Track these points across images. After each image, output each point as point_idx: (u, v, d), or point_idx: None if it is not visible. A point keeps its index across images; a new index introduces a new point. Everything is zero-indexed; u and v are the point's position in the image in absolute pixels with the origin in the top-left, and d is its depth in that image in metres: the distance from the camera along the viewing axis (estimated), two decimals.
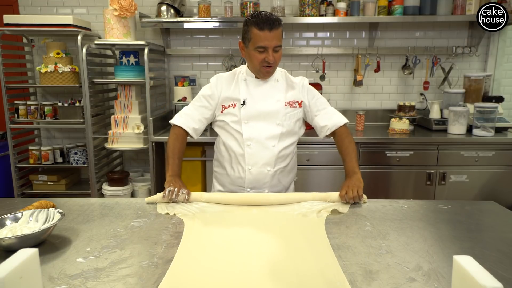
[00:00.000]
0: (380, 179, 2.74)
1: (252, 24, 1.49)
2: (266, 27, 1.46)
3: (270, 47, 1.49)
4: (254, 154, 1.60)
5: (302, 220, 1.29)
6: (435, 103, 2.98)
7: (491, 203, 1.50)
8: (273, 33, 1.47)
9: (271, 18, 1.48)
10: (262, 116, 1.61)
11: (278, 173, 1.64)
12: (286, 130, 1.63)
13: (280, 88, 1.65)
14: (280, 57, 1.57)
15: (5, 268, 0.71)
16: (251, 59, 1.56)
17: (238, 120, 1.60)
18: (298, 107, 1.66)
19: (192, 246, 1.10)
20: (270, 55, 1.50)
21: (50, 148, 3.10)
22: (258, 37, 1.48)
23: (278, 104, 1.62)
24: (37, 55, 3.25)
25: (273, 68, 1.58)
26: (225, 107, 1.63)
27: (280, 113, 1.61)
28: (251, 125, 1.60)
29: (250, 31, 1.51)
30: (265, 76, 1.61)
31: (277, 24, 1.48)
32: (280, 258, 1.02)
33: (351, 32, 3.25)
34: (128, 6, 2.72)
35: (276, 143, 1.61)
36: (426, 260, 1.02)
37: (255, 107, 1.61)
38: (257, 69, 1.57)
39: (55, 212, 1.17)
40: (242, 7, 2.95)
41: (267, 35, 1.47)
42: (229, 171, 1.67)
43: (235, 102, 1.62)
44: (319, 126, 1.70)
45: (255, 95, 1.62)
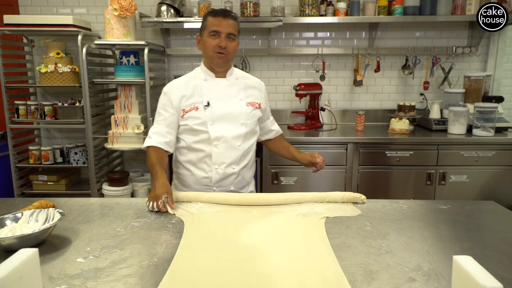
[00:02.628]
0: (380, 179, 2.74)
1: (208, 14, 1.60)
2: (220, 14, 1.56)
3: (223, 33, 1.55)
4: (221, 154, 1.62)
5: (302, 220, 1.29)
6: (435, 103, 2.98)
7: (491, 203, 1.50)
8: (227, 21, 1.55)
9: (227, 10, 1.59)
10: (227, 117, 1.62)
11: (242, 171, 1.70)
12: (250, 129, 1.67)
13: (240, 87, 1.68)
14: (234, 49, 1.60)
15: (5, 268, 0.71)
16: (205, 47, 1.59)
17: (203, 122, 1.61)
18: (258, 108, 1.71)
19: (192, 246, 1.10)
20: (223, 39, 1.55)
21: (50, 148, 3.10)
22: (212, 23, 1.56)
23: (241, 103, 1.65)
24: (37, 55, 3.24)
25: (226, 56, 1.59)
26: (186, 111, 1.62)
27: (243, 113, 1.65)
28: (217, 126, 1.61)
29: (205, 21, 1.59)
30: (218, 63, 1.61)
31: (232, 14, 1.57)
32: (280, 258, 1.02)
33: (351, 32, 3.25)
34: (128, 6, 2.72)
35: (241, 143, 1.65)
36: (426, 260, 1.02)
37: (220, 107, 1.62)
38: (210, 55, 1.59)
39: (55, 212, 1.17)
40: (242, 7, 2.94)
41: (221, 21, 1.55)
42: (194, 172, 1.67)
43: (197, 105, 1.61)
44: (268, 129, 1.87)
45: (218, 95, 1.63)
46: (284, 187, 2.75)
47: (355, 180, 2.74)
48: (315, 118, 3.10)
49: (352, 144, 2.71)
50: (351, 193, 1.49)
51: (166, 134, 1.62)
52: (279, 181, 2.76)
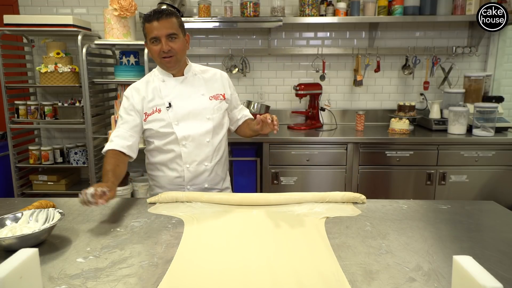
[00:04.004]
0: (380, 179, 2.75)
1: (143, 20, 1.53)
2: (153, 17, 1.49)
3: (162, 36, 1.49)
4: (191, 153, 1.61)
5: (302, 220, 1.29)
6: (435, 103, 2.98)
7: (491, 203, 1.50)
8: (162, 22, 1.48)
9: (159, 10, 1.51)
10: (191, 115, 1.60)
11: (215, 167, 1.68)
12: (217, 123, 1.65)
13: (200, 82, 1.65)
14: (180, 47, 1.54)
15: (5, 268, 0.71)
16: (152, 54, 1.56)
17: (167, 124, 1.58)
18: (222, 99, 1.68)
19: (192, 246, 1.10)
20: (163, 44, 1.50)
21: (50, 148, 3.10)
22: (149, 29, 1.50)
23: (203, 98, 1.62)
24: (37, 55, 3.24)
25: (175, 58, 1.54)
26: (148, 114, 1.59)
27: (207, 108, 1.62)
28: (182, 125, 1.59)
29: (144, 27, 1.53)
30: (168, 67, 1.57)
31: (165, 14, 1.49)
32: (280, 258, 1.02)
33: (351, 32, 3.25)
34: (128, 6, 2.72)
35: (210, 138, 1.63)
36: (426, 260, 1.02)
37: (183, 106, 1.59)
38: (158, 62, 1.57)
39: (55, 212, 1.17)
40: (242, 7, 2.95)
41: (155, 25, 1.49)
42: (166, 173, 1.66)
43: (159, 107, 1.58)
44: (236, 118, 1.81)
45: (178, 95, 1.60)
46: (284, 187, 2.76)
47: (355, 180, 2.74)
48: (315, 118, 3.10)
49: (352, 144, 2.71)
50: (351, 193, 1.49)
51: (128, 138, 1.56)
52: (279, 181, 2.76)
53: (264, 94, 3.35)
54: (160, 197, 1.46)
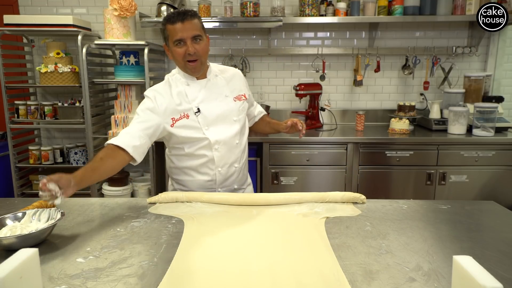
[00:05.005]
0: (380, 179, 2.74)
1: (165, 22, 1.48)
2: (177, 19, 1.44)
3: (188, 38, 1.45)
4: (223, 156, 1.60)
5: (302, 220, 1.29)
6: (435, 103, 2.98)
7: (491, 203, 1.50)
8: (187, 23, 1.44)
9: (183, 11, 1.46)
10: (220, 118, 1.58)
11: (242, 167, 1.69)
12: (242, 124, 1.65)
13: (222, 83, 1.63)
14: (204, 49, 1.51)
15: (5, 268, 0.71)
16: (175, 57, 1.51)
17: (197, 129, 1.55)
18: (244, 99, 1.67)
19: (192, 246, 1.10)
20: (189, 46, 1.46)
21: (50, 148, 3.10)
22: (173, 31, 1.45)
23: (228, 100, 1.61)
24: (37, 55, 3.25)
25: (199, 61, 1.51)
26: (176, 119, 1.53)
27: (234, 110, 1.61)
28: (213, 130, 1.56)
29: (165, 29, 1.49)
30: (193, 71, 1.53)
31: (189, 16, 1.45)
32: (280, 258, 1.02)
33: (351, 32, 3.25)
34: (128, 6, 2.72)
35: (239, 140, 1.63)
36: (426, 260, 1.02)
37: (211, 111, 1.56)
38: (182, 65, 1.52)
39: (57, 212, 1.17)
40: (242, 7, 2.95)
41: (180, 27, 1.44)
42: (196, 177, 1.63)
43: (187, 112, 1.54)
44: (253, 115, 1.85)
45: (205, 98, 1.57)
46: (284, 187, 2.76)
47: (355, 180, 2.74)
48: (315, 118, 3.10)
49: (352, 144, 2.71)
50: (351, 193, 1.49)
51: (138, 138, 1.45)
52: (279, 181, 2.76)
53: (264, 94, 3.35)
54: (160, 197, 1.46)
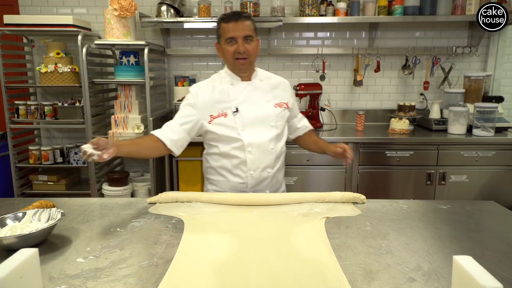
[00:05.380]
0: (380, 179, 2.74)
1: (220, 20, 1.54)
2: (232, 18, 1.50)
3: (239, 37, 1.51)
4: (256, 159, 1.60)
5: (302, 220, 1.29)
6: (435, 103, 2.98)
7: (491, 203, 1.50)
8: (240, 23, 1.50)
9: (238, 12, 1.55)
10: (257, 121, 1.59)
11: (276, 173, 1.68)
12: (280, 131, 1.65)
13: (266, 88, 1.65)
14: (254, 50, 1.56)
15: (5, 268, 0.71)
16: (225, 55, 1.56)
17: (233, 129, 1.57)
18: (286, 108, 1.68)
19: (192, 246, 1.10)
20: (240, 45, 1.51)
21: (50, 148, 3.10)
22: (226, 29, 1.51)
23: (268, 105, 1.62)
24: (37, 55, 3.24)
25: (248, 60, 1.56)
26: (214, 117, 1.58)
27: (272, 115, 1.62)
28: (248, 131, 1.58)
29: (219, 27, 1.55)
30: (241, 69, 1.58)
31: (243, 16, 1.52)
32: (280, 258, 1.02)
33: (351, 32, 3.25)
34: (128, 6, 2.72)
35: (274, 145, 1.62)
36: (426, 260, 1.02)
37: (249, 112, 1.58)
38: (231, 63, 1.57)
39: (57, 212, 1.17)
40: (242, 7, 2.94)
41: (234, 25, 1.50)
42: (229, 178, 1.64)
43: (225, 111, 1.58)
44: (296, 127, 1.82)
45: (245, 100, 1.60)
46: None
47: (355, 180, 2.74)
48: (315, 118, 3.10)
49: (352, 144, 2.71)
50: (351, 193, 1.49)
51: (177, 132, 1.56)
52: None
53: None
54: (160, 197, 1.46)
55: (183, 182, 2.95)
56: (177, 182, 2.96)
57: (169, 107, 3.37)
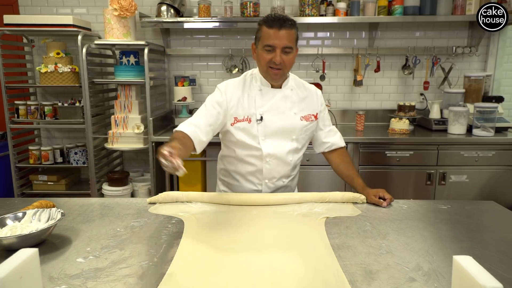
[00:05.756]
0: (380, 179, 2.74)
1: (262, 22, 1.43)
2: (276, 24, 1.39)
3: (279, 47, 1.40)
4: (272, 169, 1.57)
5: (302, 220, 1.29)
6: (435, 103, 2.98)
7: (491, 203, 1.50)
8: (283, 32, 1.39)
9: (283, 17, 1.41)
10: (279, 132, 1.53)
11: (290, 182, 1.66)
12: (301, 145, 1.60)
13: (294, 98, 1.56)
14: (291, 62, 1.45)
15: (5, 268, 0.71)
16: (259, 60, 1.47)
17: (254, 137, 1.51)
18: (314, 120, 1.60)
19: (192, 246, 1.10)
20: (277, 55, 1.40)
21: (50, 148, 3.10)
22: (267, 35, 1.40)
23: (295, 118, 1.54)
24: (37, 55, 3.24)
25: (282, 71, 1.46)
26: (238, 120, 1.50)
27: (296, 129, 1.55)
28: (269, 142, 1.52)
29: (260, 29, 1.44)
30: (273, 79, 1.49)
31: (289, 23, 1.40)
32: (280, 258, 1.02)
33: (351, 32, 3.25)
34: (128, 6, 2.72)
35: (292, 157, 1.59)
36: (426, 260, 1.02)
37: (273, 122, 1.51)
38: (264, 70, 1.47)
39: (57, 212, 1.17)
40: (242, 7, 2.95)
41: (276, 33, 1.39)
42: (243, 184, 1.62)
43: (250, 117, 1.50)
44: (320, 141, 1.69)
45: (272, 109, 1.52)
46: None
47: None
48: None
49: (352, 144, 2.71)
50: (351, 193, 1.49)
51: (205, 133, 1.44)
52: None
53: None
54: (160, 197, 1.46)
55: (183, 182, 2.95)
56: (177, 182, 2.96)
57: (169, 107, 3.37)
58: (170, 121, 3.20)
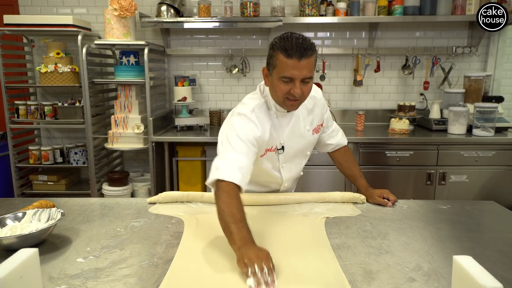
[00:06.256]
0: (380, 179, 2.74)
1: (279, 49, 1.24)
2: (296, 54, 1.21)
3: (298, 78, 1.22)
4: (287, 187, 1.59)
5: (302, 220, 1.29)
6: (435, 103, 2.98)
7: (491, 203, 1.50)
8: (304, 62, 1.21)
9: (303, 44, 1.23)
10: (297, 154, 1.51)
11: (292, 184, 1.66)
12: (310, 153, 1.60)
13: (304, 113, 1.46)
14: (309, 90, 1.30)
15: (5, 268, 0.71)
16: (275, 90, 1.29)
17: (275, 165, 1.47)
18: (321, 128, 1.57)
19: (192, 246, 1.10)
20: (297, 87, 1.23)
21: (50, 148, 3.10)
22: (285, 66, 1.22)
23: (308, 134, 1.49)
24: (37, 55, 3.24)
25: (299, 101, 1.31)
26: (267, 150, 1.41)
27: (310, 144, 1.54)
28: (287, 167, 1.51)
29: (275, 56, 1.25)
30: (290, 109, 1.36)
31: (310, 52, 1.23)
32: (280, 258, 1.02)
33: (351, 32, 3.25)
34: (128, 6, 2.72)
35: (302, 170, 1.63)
36: (426, 260, 1.02)
37: (292, 148, 1.46)
38: (280, 101, 1.31)
39: (57, 212, 1.17)
40: (242, 7, 2.95)
41: (295, 64, 1.21)
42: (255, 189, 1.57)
43: (274, 146, 1.42)
44: (324, 143, 1.66)
45: (289, 135, 1.43)
46: None
47: None
48: None
49: (352, 144, 2.71)
50: (351, 193, 1.50)
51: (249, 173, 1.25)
52: None
53: None
54: (160, 197, 1.46)
55: (183, 182, 2.95)
56: (177, 182, 2.96)
57: (169, 107, 3.37)
58: (170, 121, 3.20)
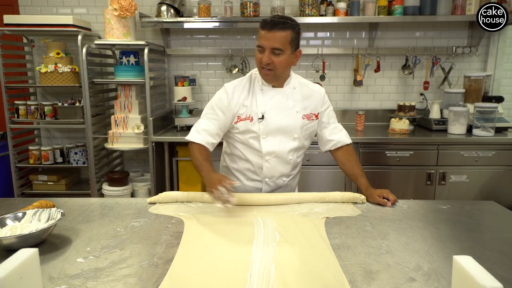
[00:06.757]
0: (380, 179, 2.74)
1: (259, 24, 1.46)
2: (267, 26, 1.41)
3: (267, 48, 1.42)
4: (272, 168, 1.59)
5: (302, 220, 1.29)
6: (435, 103, 2.98)
7: (491, 203, 1.50)
8: (273, 33, 1.41)
9: (278, 19, 1.42)
10: (281, 131, 1.55)
11: (290, 181, 1.67)
12: (302, 143, 1.61)
13: (297, 97, 1.58)
14: (282, 63, 1.45)
15: (5, 268, 0.71)
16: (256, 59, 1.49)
17: (256, 136, 1.54)
18: (314, 119, 1.62)
19: (192, 246, 1.10)
20: (265, 55, 1.43)
21: (50, 148, 3.10)
22: (259, 36, 1.45)
23: (296, 116, 1.56)
24: (37, 55, 3.24)
25: (273, 72, 1.47)
26: (241, 118, 1.54)
27: (297, 127, 1.57)
28: (269, 140, 1.55)
29: (258, 30, 1.47)
30: (263, 79, 1.52)
31: (280, 26, 1.40)
32: (280, 258, 1.02)
33: (351, 32, 3.25)
34: (128, 6, 2.72)
35: (292, 156, 1.60)
36: (426, 260, 1.02)
37: (275, 120, 1.54)
38: (259, 69, 1.51)
39: (57, 212, 1.17)
40: (242, 7, 2.95)
41: (266, 34, 1.42)
42: (244, 182, 1.64)
43: (252, 116, 1.54)
44: (325, 139, 1.69)
45: (273, 107, 1.54)
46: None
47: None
48: None
49: (352, 144, 2.70)
50: (351, 193, 1.49)
51: (215, 136, 1.53)
52: None
53: None
54: (160, 197, 1.46)
55: (183, 182, 2.95)
56: (177, 182, 2.96)
57: (169, 107, 3.36)
58: (170, 121, 3.20)
